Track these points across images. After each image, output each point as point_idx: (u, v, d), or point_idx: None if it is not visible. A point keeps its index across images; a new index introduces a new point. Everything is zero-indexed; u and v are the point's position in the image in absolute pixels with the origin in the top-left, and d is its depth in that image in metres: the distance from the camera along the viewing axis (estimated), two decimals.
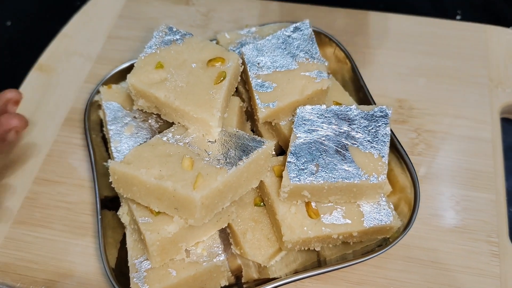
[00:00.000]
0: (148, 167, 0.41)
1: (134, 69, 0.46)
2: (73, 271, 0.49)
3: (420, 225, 0.50)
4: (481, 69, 0.61)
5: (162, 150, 0.43)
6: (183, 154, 0.42)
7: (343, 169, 0.42)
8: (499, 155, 0.55)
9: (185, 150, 0.42)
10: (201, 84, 0.44)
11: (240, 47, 0.54)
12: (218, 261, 0.42)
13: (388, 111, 0.46)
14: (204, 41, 0.48)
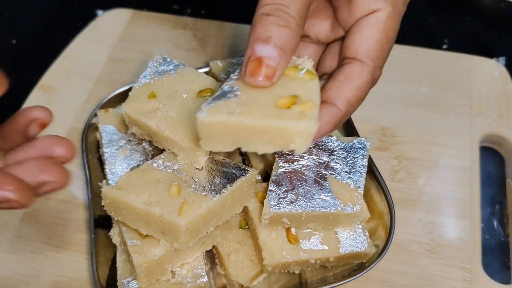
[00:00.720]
0: (138, 193, 0.44)
1: (128, 98, 0.49)
2: (67, 286, 0.52)
3: (397, 250, 0.53)
4: (463, 99, 0.64)
5: (151, 176, 0.45)
6: (171, 181, 0.45)
7: (320, 199, 0.45)
8: (476, 183, 0.57)
9: (173, 177, 0.45)
10: (190, 114, 0.47)
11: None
12: (201, 283, 0.45)
13: (366, 143, 0.49)
14: (196, 72, 0.51)
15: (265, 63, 0.35)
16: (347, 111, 0.39)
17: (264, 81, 0.36)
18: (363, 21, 0.40)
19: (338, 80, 0.40)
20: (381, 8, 0.39)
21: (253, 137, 0.35)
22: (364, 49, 0.39)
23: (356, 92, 0.39)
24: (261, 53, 0.35)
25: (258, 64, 0.35)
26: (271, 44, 0.35)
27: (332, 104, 0.39)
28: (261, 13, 0.36)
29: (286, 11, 0.36)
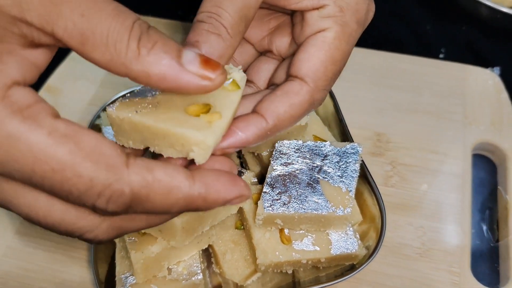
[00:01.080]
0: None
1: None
2: (67, 281, 0.53)
3: (388, 253, 0.55)
4: (457, 107, 0.65)
5: None
6: None
7: (313, 201, 0.47)
8: (468, 189, 0.59)
9: None
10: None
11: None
12: (196, 280, 0.47)
13: (359, 149, 0.50)
14: None
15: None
16: (275, 126, 0.39)
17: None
18: (310, 40, 0.40)
19: (275, 94, 0.39)
20: (329, 27, 0.39)
21: (156, 139, 0.34)
22: (306, 69, 0.39)
23: (289, 109, 0.39)
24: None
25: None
26: (196, 47, 0.35)
27: (261, 116, 0.38)
28: (196, 20, 0.37)
29: (218, 19, 0.36)
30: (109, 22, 0.29)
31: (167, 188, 0.31)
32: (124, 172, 0.29)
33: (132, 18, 0.30)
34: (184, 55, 0.31)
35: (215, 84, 0.32)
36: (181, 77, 0.30)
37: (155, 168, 0.30)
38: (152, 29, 0.31)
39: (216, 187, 0.33)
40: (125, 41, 0.29)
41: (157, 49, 0.30)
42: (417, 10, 0.79)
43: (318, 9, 0.40)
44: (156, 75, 0.30)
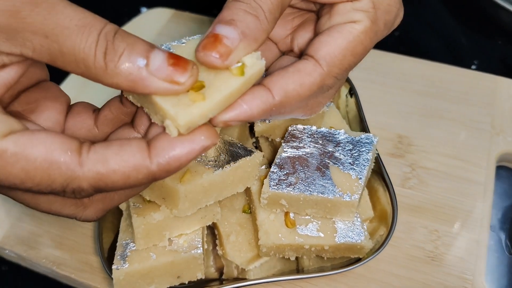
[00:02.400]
0: None
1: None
2: (74, 249, 0.54)
3: (399, 253, 0.52)
4: (485, 116, 0.63)
5: None
6: None
7: (320, 185, 0.46)
8: (489, 198, 0.56)
9: None
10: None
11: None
12: (195, 253, 0.46)
13: (374, 139, 0.49)
14: None
15: (221, 41, 0.33)
16: (281, 102, 0.37)
17: (216, 58, 0.33)
18: (337, 27, 0.39)
19: (287, 70, 0.38)
20: (360, 20, 0.39)
21: (147, 102, 0.34)
22: (324, 52, 0.38)
23: (298, 87, 0.37)
24: (220, 32, 0.33)
25: (214, 40, 0.33)
26: (232, 25, 0.33)
27: (268, 90, 0.37)
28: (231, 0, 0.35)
29: (257, 1, 0.35)
30: (73, 40, 0.30)
31: (124, 174, 0.32)
32: (78, 171, 0.31)
33: (97, 29, 0.30)
34: (152, 61, 0.31)
35: (185, 86, 0.32)
36: (149, 84, 0.31)
37: (109, 158, 0.32)
38: (119, 37, 0.31)
39: (174, 154, 0.32)
40: (92, 58, 0.30)
41: (124, 60, 0.30)
42: (453, 22, 0.78)
43: (352, 1, 0.39)
44: (126, 86, 0.31)
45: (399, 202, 0.56)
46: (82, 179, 0.32)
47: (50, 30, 0.30)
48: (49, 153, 0.31)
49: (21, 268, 0.56)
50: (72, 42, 0.30)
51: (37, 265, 0.54)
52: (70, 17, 0.30)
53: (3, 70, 0.32)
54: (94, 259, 0.53)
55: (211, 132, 0.34)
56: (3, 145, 0.30)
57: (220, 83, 0.34)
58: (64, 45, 0.30)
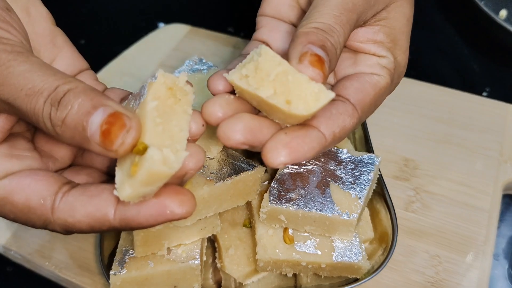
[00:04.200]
0: None
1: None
2: (76, 253, 0.55)
3: (398, 277, 0.52)
4: (493, 143, 0.63)
5: None
6: None
7: (319, 202, 0.46)
8: (493, 227, 0.55)
9: None
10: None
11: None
12: (193, 264, 0.46)
13: (376, 160, 0.49)
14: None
15: (324, 63, 0.35)
16: (329, 144, 0.38)
17: (320, 76, 0.35)
18: (364, 76, 0.41)
19: (330, 111, 0.38)
20: (384, 75, 0.42)
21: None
22: (359, 99, 0.40)
23: (342, 131, 0.38)
24: (318, 53, 0.35)
25: (318, 59, 0.35)
26: (325, 51, 0.36)
27: (321, 132, 0.37)
28: (316, 27, 0.37)
29: (339, 37, 0.37)
30: (24, 108, 0.33)
31: (89, 225, 0.35)
32: (50, 218, 0.35)
33: (44, 96, 0.33)
34: (89, 126, 0.32)
35: (119, 153, 0.32)
36: (91, 148, 0.33)
37: (76, 210, 0.35)
38: (65, 99, 0.32)
39: (136, 217, 0.34)
40: (42, 123, 0.33)
41: (66, 125, 0.33)
42: (466, 49, 0.78)
43: (378, 56, 0.43)
44: (76, 145, 0.34)
45: (402, 225, 0.55)
46: (54, 224, 0.36)
47: (6, 99, 0.34)
48: (28, 200, 0.35)
49: (25, 270, 0.57)
50: (23, 109, 0.33)
51: (40, 268, 0.55)
52: (21, 87, 0.33)
53: None
54: (95, 264, 0.54)
55: (185, 201, 0.33)
56: None
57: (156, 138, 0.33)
58: (19, 111, 0.34)
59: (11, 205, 0.36)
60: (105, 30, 0.87)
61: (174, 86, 0.35)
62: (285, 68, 0.34)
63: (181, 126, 0.34)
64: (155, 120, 0.33)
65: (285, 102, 0.34)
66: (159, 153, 0.31)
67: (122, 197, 0.33)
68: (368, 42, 0.43)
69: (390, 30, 0.43)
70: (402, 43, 0.44)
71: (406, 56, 0.44)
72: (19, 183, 0.36)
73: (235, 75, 0.36)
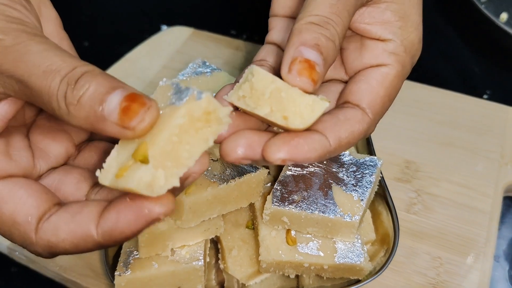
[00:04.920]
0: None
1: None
2: (81, 254, 0.55)
3: (399, 278, 0.53)
4: (494, 146, 0.63)
5: None
6: None
7: (321, 204, 0.46)
8: (494, 228, 0.56)
9: None
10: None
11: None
12: (196, 265, 0.47)
13: (378, 162, 0.50)
14: (229, 76, 0.55)
15: (314, 68, 0.34)
16: (335, 150, 0.37)
17: (310, 84, 0.34)
18: (371, 72, 0.40)
19: (337, 117, 0.38)
20: (391, 64, 0.40)
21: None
22: (368, 101, 0.39)
23: (349, 135, 0.37)
24: (309, 57, 0.34)
25: (308, 66, 0.34)
26: (318, 52, 0.35)
27: (325, 136, 0.36)
28: (310, 22, 0.36)
29: (336, 27, 0.36)
30: (38, 86, 0.32)
31: (73, 243, 0.34)
32: (33, 238, 0.34)
33: (61, 74, 0.32)
34: (107, 105, 0.31)
35: (136, 132, 0.31)
36: (106, 128, 0.31)
37: (59, 229, 0.33)
38: (81, 81, 0.31)
39: (117, 226, 0.32)
40: (55, 102, 0.32)
41: (82, 104, 0.31)
42: (467, 51, 0.79)
43: (383, 41, 0.40)
44: (88, 128, 0.32)
45: (403, 227, 0.56)
46: (36, 245, 0.34)
47: (20, 76, 0.32)
48: (15, 213, 0.34)
49: (29, 271, 0.58)
50: (38, 87, 0.32)
51: (44, 269, 0.56)
52: (38, 64, 0.32)
53: None
54: (99, 265, 0.55)
55: (163, 200, 0.32)
56: None
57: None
58: (32, 90, 0.32)
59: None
60: (108, 33, 0.88)
61: (213, 114, 0.32)
62: (278, 85, 0.34)
63: (192, 153, 0.32)
64: (171, 137, 0.31)
65: (282, 118, 0.34)
66: (149, 176, 0.30)
67: (100, 180, 0.32)
68: (375, 24, 0.41)
69: (398, 6, 0.40)
70: (414, 17, 0.41)
71: (420, 31, 0.42)
72: (11, 193, 0.35)
73: (233, 96, 0.36)
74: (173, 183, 0.31)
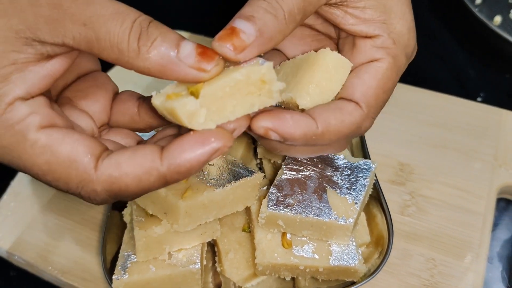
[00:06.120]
0: None
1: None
2: (79, 258, 0.56)
3: (394, 280, 0.53)
4: (488, 148, 0.64)
5: None
6: None
7: (316, 207, 0.47)
8: (488, 230, 0.57)
9: None
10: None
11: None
12: (193, 268, 0.48)
13: (372, 166, 0.51)
14: None
15: (238, 34, 0.34)
16: (322, 133, 0.38)
17: (230, 50, 0.34)
18: (363, 67, 0.41)
19: (329, 106, 0.39)
20: (382, 58, 0.40)
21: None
22: (360, 94, 0.40)
23: (339, 124, 0.39)
24: (238, 26, 0.35)
25: (230, 33, 0.34)
26: (251, 21, 0.35)
27: (312, 119, 0.38)
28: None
29: (278, 1, 0.36)
30: (108, 27, 0.32)
31: (137, 177, 0.34)
32: (93, 175, 0.34)
33: (131, 17, 0.33)
34: (182, 49, 0.33)
35: (211, 74, 0.33)
36: (179, 70, 0.33)
37: (121, 162, 0.34)
38: (153, 25, 0.33)
39: (184, 157, 0.33)
40: (126, 42, 0.32)
41: (156, 46, 0.33)
42: (461, 55, 0.80)
43: (371, 38, 0.41)
44: (156, 70, 0.33)
45: (397, 229, 0.57)
46: (96, 182, 0.34)
47: (87, 18, 0.32)
48: (73, 152, 0.33)
49: (28, 275, 0.58)
50: (107, 28, 0.32)
51: (43, 272, 0.57)
52: (106, 7, 0.33)
53: (49, 61, 0.35)
54: (98, 269, 0.55)
55: (223, 135, 0.34)
56: (37, 136, 0.33)
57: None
58: (100, 31, 0.32)
59: (52, 154, 0.33)
60: None
61: (268, 84, 0.35)
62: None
63: (235, 110, 0.35)
64: (225, 87, 0.34)
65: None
66: (194, 106, 0.33)
67: (152, 100, 0.35)
68: (358, 24, 0.41)
69: (376, 1, 0.41)
70: (396, 8, 0.41)
71: (408, 20, 0.42)
72: (67, 135, 0.34)
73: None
74: (209, 126, 0.34)
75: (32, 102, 0.34)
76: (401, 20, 0.41)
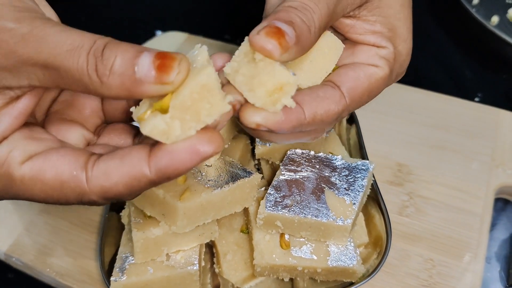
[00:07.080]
0: None
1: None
2: (77, 260, 0.56)
3: (392, 280, 0.53)
4: (486, 148, 0.64)
5: None
6: None
7: (314, 208, 0.47)
8: (485, 230, 0.57)
9: None
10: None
11: None
12: (191, 270, 0.48)
13: (370, 166, 0.51)
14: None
15: (284, 35, 0.34)
16: (308, 123, 0.39)
17: (276, 48, 0.34)
18: (361, 66, 0.42)
19: (317, 93, 0.40)
20: (382, 67, 0.42)
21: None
22: (349, 87, 0.41)
23: (324, 113, 0.39)
24: (280, 26, 0.34)
25: (277, 31, 0.34)
26: (292, 26, 0.35)
27: (301, 109, 0.38)
28: (288, 5, 0.37)
29: (312, 14, 0.37)
30: (66, 66, 0.32)
31: (127, 185, 0.34)
32: (85, 188, 0.35)
33: (86, 49, 0.32)
34: (139, 68, 0.32)
35: (175, 84, 0.32)
36: (142, 90, 0.32)
37: (110, 172, 0.34)
38: (108, 49, 0.32)
39: (170, 163, 0.33)
40: (86, 77, 0.32)
41: (114, 72, 0.32)
42: (459, 56, 0.80)
43: (377, 47, 0.43)
44: (124, 95, 0.33)
45: (396, 229, 0.57)
46: (91, 193, 0.35)
47: (44, 60, 0.32)
48: (58, 174, 0.34)
49: (26, 277, 0.58)
50: (65, 67, 0.32)
51: (41, 274, 0.56)
52: (60, 44, 0.32)
53: (19, 101, 0.36)
54: (96, 271, 0.55)
55: (213, 139, 0.34)
56: (22, 171, 0.35)
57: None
58: (60, 70, 0.32)
59: (42, 183, 0.35)
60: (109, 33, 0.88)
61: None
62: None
63: (212, 114, 0.34)
64: (192, 94, 0.33)
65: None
66: (164, 124, 0.32)
67: (133, 116, 0.35)
68: (367, 34, 0.43)
69: (385, 19, 0.42)
70: (401, 30, 0.43)
71: (408, 44, 0.44)
72: (46, 160, 0.35)
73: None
74: (189, 133, 0.33)
75: (10, 139, 0.35)
76: (403, 43, 0.43)
